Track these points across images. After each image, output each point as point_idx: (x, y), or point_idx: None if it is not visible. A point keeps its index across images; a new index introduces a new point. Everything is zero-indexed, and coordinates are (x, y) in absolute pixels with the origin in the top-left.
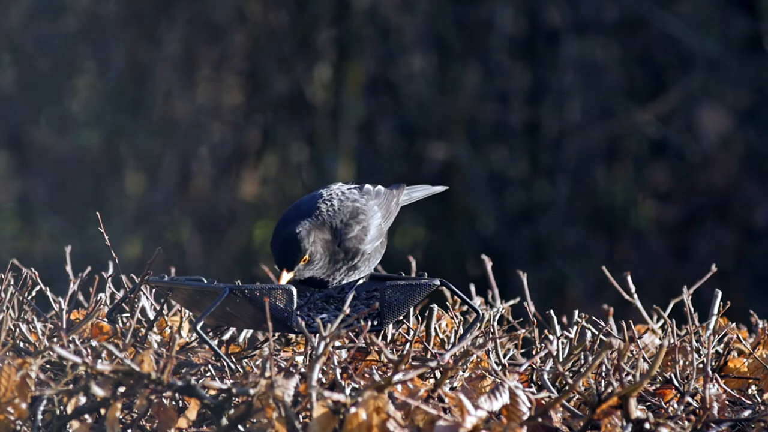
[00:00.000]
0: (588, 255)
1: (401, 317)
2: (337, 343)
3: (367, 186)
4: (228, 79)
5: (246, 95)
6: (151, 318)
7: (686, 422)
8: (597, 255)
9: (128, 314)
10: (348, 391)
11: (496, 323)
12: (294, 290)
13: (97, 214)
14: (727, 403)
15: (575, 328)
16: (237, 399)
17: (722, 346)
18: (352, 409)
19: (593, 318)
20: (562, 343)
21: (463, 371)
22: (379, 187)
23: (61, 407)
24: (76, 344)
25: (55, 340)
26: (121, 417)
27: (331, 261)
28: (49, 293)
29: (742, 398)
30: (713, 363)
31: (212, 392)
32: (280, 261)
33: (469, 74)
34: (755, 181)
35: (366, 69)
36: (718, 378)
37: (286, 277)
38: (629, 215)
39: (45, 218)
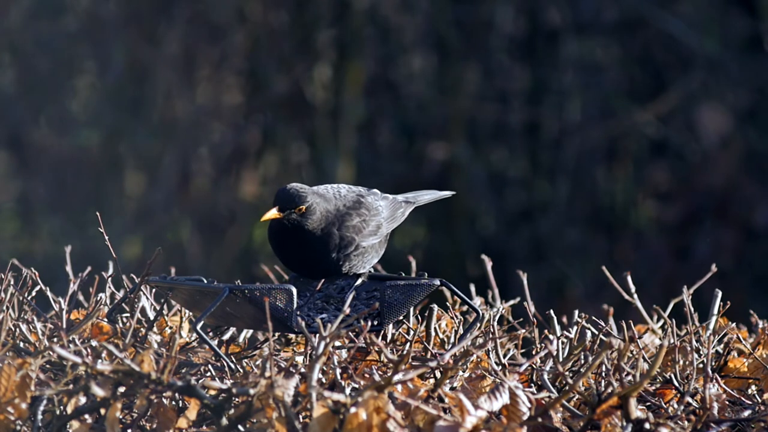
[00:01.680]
0: (588, 255)
1: (401, 317)
2: (337, 343)
3: (376, 190)
4: (228, 79)
5: (246, 95)
6: (151, 318)
7: (686, 422)
8: (597, 255)
9: (128, 314)
10: (348, 391)
11: (496, 323)
12: (294, 290)
13: (97, 214)
14: (727, 403)
15: (575, 328)
16: (237, 399)
17: (722, 346)
18: (352, 409)
19: (593, 318)
20: (562, 343)
21: (463, 371)
22: (387, 194)
23: (61, 407)
24: (76, 344)
25: (55, 340)
26: (121, 417)
27: (325, 236)
28: (49, 293)
29: (742, 398)
30: (713, 363)
31: (212, 392)
32: (276, 199)
33: (469, 74)
34: (755, 181)
35: (366, 69)
36: (718, 378)
37: (272, 213)
38: (629, 215)
39: (45, 218)
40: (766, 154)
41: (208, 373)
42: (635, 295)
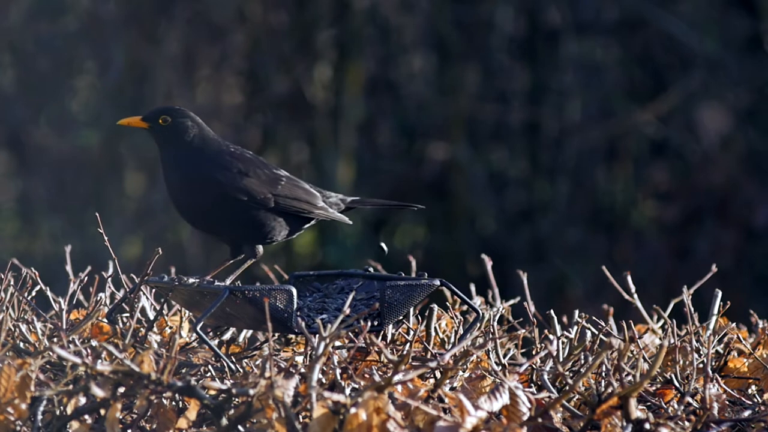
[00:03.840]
0: (588, 255)
1: (401, 317)
2: (337, 344)
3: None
4: (228, 79)
5: (246, 95)
6: (151, 318)
7: (686, 422)
8: (597, 255)
9: (128, 314)
10: (348, 391)
11: (496, 323)
12: (294, 291)
13: (97, 214)
14: (727, 403)
15: (575, 328)
16: (237, 399)
17: (722, 346)
18: (352, 410)
19: (593, 318)
20: (562, 343)
21: (463, 371)
22: (327, 192)
23: (61, 407)
24: (76, 344)
25: (55, 340)
26: (121, 417)
27: (193, 168)
28: (49, 293)
29: (742, 398)
30: (713, 363)
31: (212, 392)
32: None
33: (469, 74)
34: (755, 181)
35: (366, 69)
36: (718, 378)
37: (132, 119)
38: (629, 215)
39: (45, 218)
40: (766, 154)
41: (208, 374)
42: (635, 295)
